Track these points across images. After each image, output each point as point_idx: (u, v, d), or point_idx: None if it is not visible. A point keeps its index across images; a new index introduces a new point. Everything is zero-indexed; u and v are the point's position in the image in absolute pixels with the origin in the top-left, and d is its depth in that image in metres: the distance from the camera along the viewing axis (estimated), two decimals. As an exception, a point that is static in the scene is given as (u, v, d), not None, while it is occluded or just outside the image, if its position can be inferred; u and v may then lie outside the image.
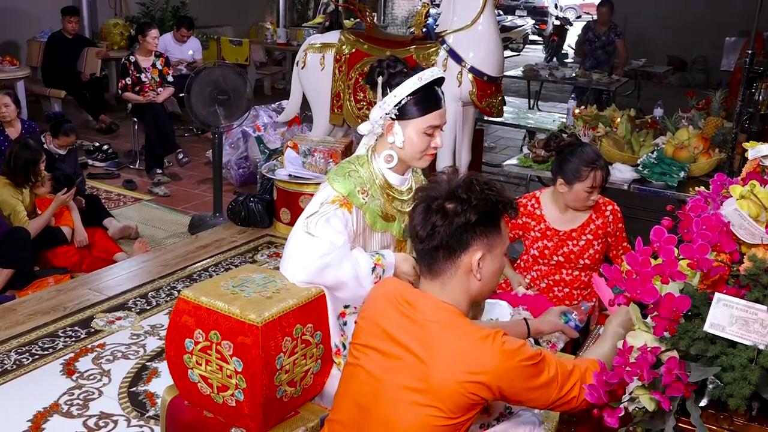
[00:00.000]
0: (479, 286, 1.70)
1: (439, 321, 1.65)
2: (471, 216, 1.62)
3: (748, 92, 4.44)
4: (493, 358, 1.57)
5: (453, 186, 1.67)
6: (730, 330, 1.37)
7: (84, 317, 3.75)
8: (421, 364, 1.62)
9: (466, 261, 1.66)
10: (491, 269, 1.70)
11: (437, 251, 1.67)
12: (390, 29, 10.54)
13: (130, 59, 6.66)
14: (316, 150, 4.85)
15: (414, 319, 1.68)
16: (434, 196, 1.67)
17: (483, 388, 1.58)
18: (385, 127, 2.26)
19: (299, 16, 11.85)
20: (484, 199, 1.64)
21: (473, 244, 1.65)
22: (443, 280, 1.69)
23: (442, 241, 1.64)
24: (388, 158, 2.28)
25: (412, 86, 2.19)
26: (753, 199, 1.59)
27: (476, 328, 1.65)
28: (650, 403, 1.43)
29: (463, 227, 1.63)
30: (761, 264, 1.45)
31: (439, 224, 1.63)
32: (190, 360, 2.19)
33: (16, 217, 4.34)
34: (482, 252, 1.66)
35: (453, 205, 1.63)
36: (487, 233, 1.66)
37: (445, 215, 1.63)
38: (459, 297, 1.70)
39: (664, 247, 1.52)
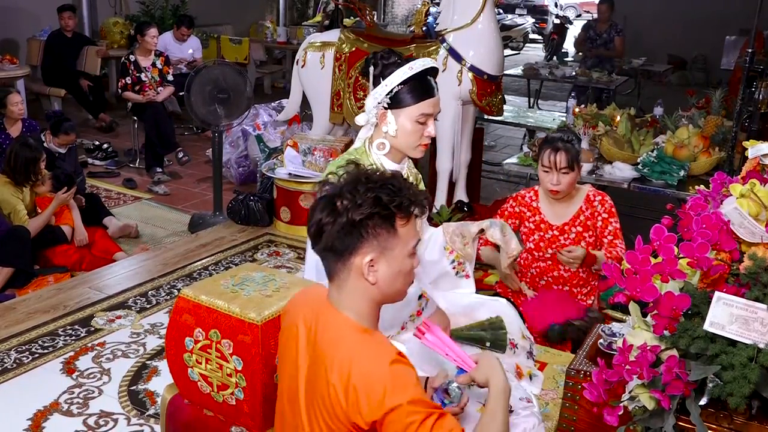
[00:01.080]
0: (377, 289, 1.58)
1: (337, 341, 1.56)
2: (354, 216, 1.51)
3: (748, 91, 4.45)
4: (383, 395, 1.46)
5: (345, 182, 1.57)
6: (730, 329, 1.37)
7: (84, 316, 3.75)
8: (311, 385, 1.59)
9: (356, 263, 1.55)
10: (389, 272, 1.57)
11: (327, 252, 1.58)
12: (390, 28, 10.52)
13: (130, 58, 6.66)
14: (316, 149, 4.85)
15: (311, 338, 1.62)
16: (330, 194, 1.57)
17: (361, 419, 1.48)
18: (379, 116, 2.28)
19: (299, 14, 11.84)
20: (372, 199, 1.52)
21: (361, 246, 1.54)
22: (339, 283, 1.60)
23: (328, 242, 1.55)
24: (381, 146, 2.30)
25: (402, 75, 2.21)
26: (753, 197, 1.59)
27: (377, 354, 1.52)
28: (650, 402, 1.43)
29: (346, 228, 1.52)
30: (761, 263, 1.45)
31: (325, 222, 1.55)
32: (190, 359, 2.19)
33: (17, 215, 4.34)
34: (373, 254, 1.54)
35: (339, 203, 1.54)
36: (377, 235, 1.54)
37: (331, 213, 1.54)
38: (358, 301, 1.59)
39: (664, 245, 1.52)
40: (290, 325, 1.71)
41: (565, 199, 3.10)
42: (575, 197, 3.12)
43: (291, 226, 4.88)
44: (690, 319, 1.46)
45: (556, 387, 2.51)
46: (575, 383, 2.06)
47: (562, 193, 3.03)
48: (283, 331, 1.77)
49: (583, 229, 3.08)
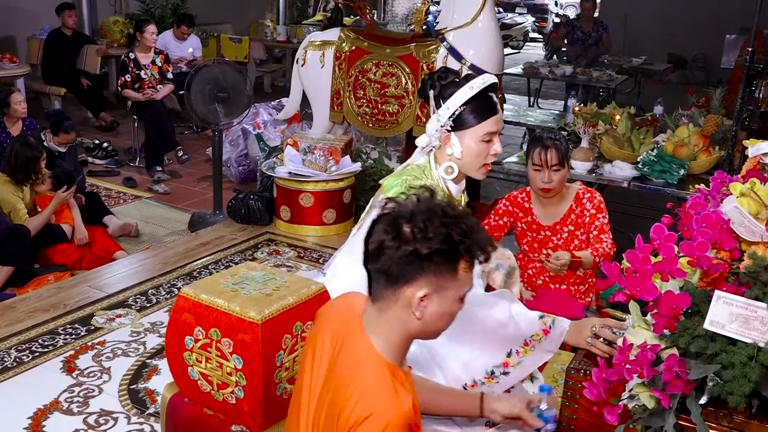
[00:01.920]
0: (420, 325, 1.52)
1: (356, 369, 1.51)
2: (422, 248, 1.44)
3: (748, 90, 4.45)
4: None
5: (418, 209, 1.49)
6: (730, 327, 1.37)
7: (84, 315, 3.75)
8: (319, 401, 1.56)
9: (408, 294, 1.48)
10: (437, 311, 1.51)
11: (381, 274, 1.50)
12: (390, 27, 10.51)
13: (130, 56, 6.66)
14: (316, 147, 4.85)
15: (335, 357, 1.57)
16: (396, 214, 1.49)
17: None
18: (443, 139, 2.23)
19: (299, 13, 11.83)
20: (443, 235, 1.45)
21: (419, 278, 1.47)
22: (381, 307, 1.53)
23: (385, 265, 1.48)
24: (449, 170, 2.24)
25: (464, 96, 2.16)
26: (753, 196, 1.59)
27: (386, 398, 1.46)
28: (650, 401, 1.43)
29: (410, 257, 1.45)
30: (761, 261, 1.45)
31: (389, 245, 1.46)
32: (190, 357, 2.19)
33: (17, 214, 4.34)
34: (428, 290, 1.47)
35: (408, 230, 1.46)
36: (438, 272, 1.47)
37: (397, 238, 1.46)
38: (394, 331, 1.54)
39: (664, 244, 1.52)
40: (318, 331, 1.67)
41: (556, 199, 3.10)
42: (565, 196, 3.11)
43: (291, 225, 4.88)
44: (690, 317, 1.46)
45: (556, 386, 2.51)
46: (575, 382, 2.05)
47: (554, 191, 3.02)
48: (310, 337, 1.71)
49: (575, 227, 3.08)
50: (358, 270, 2.33)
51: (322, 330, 1.65)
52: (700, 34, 10.35)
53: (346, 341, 1.57)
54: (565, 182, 3.09)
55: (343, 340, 1.58)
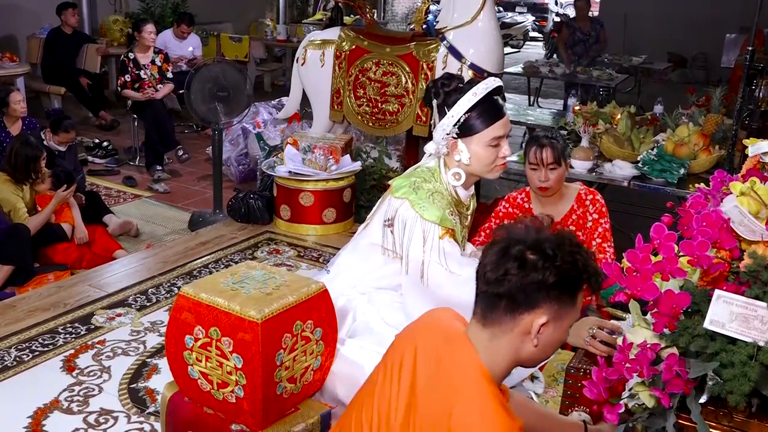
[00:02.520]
0: (533, 352, 1.50)
1: (460, 382, 1.48)
2: (550, 276, 1.43)
3: (748, 89, 4.44)
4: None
5: (541, 237, 1.47)
6: (729, 327, 1.37)
7: (84, 314, 3.75)
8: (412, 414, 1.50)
9: (527, 321, 1.46)
10: (552, 339, 1.50)
11: (500, 300, 1.47)
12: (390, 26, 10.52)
13: (129, 56, 6.66)
14: (316, 147, 4.85)
15: (436, 370, 1.53)
16: (517, 241, 1.48)
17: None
18: (450, 146, 2.23)
19: (299, 12, 11.83)
20: (570, 263, 1.45)
21: (541, 306, 1.45)
22: (495, 332, 1.50)
23: (510, 291, 1.45)
24: (457, 176, 2.25)
25: (468, 103, 2.16)
26: (753, 195, 1.59)
27: (493, 406, 1.43)
28: (650, 400, 1.43)
29: (537, 284, 1.43)
30: (761, 261, 1.45)
31: (513, 273, 1.44)
32: (190, 356, 2.19)
33: (16, 213, 4.34)
34: (548, 317, 1.46)
35: (535, 258, 1.44)
36: (560, 300, 1.46)
37: (523, 265, 1.44)
38: (504, 356, 1.51)
39: (664, 244, 1.52)
40: (397, 349, 1.61)
41: (556, 198, 3.09)
42: (566, 196, 3.10)
43: (291, 224, 4.88)
44: (690, 317, 1.46)
45: (556, 385, 2.51)
46: (575, 381, 2.06)
47: (551, 190, 3.02)
48: (386, 362, 1.64)
49: (576, 228, 3.07)
50: (362, 268, 2.33)
51: (403, 347, 1.60)
52: (700, 33, 10.35)
53: (449, 353, 1.52)
54: (564, 181, 3.09)
55: (443, 351, 1.53)
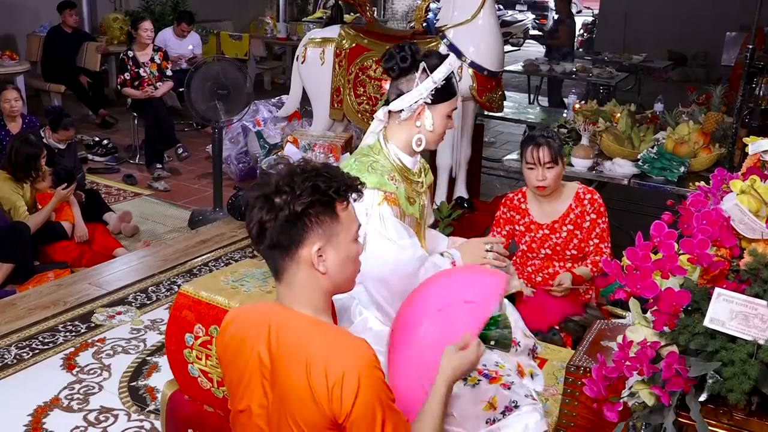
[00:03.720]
0: (329, 279, 1.58)
1: (299, 334, 1.54)
2: (296, 207, 1.50)
3: (748, 87, 4.45)
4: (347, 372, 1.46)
5: (279, 178, 1.55)
6: (730, 325, 1.37)
7: (84, 312, 3.76)
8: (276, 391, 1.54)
9: (304, 255, 1.54)
10: (336, 259, 1.57)
11: (273, 250, 1.55)
12: (390, 24, 10.52)
13: (128, 54, 6.66)
14: (316, 145, 4.85)
15: (275, 346, 1.56)
16: (262, 193, 1.55)
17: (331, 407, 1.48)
18: (416, 112, 2.29)
19: (299, 10, 11.83)
20: (310, 188, 1.52)
21: (307, 237, 1.53)
22: (288, 279, 1.58)
23: (273, 238, 1.53)
24: (419, 142, 2.31)
25: (447, 71, 2.27)
26: (753, 194, 1.59)
27: (335, 341, 1.53)
28: (650, 398, 1.43)
29: (289, 220, 1.51)
30: (761, 259, 1.45)
31: (266, 219, 1.52)
32: (190, 354, 2.19)
33: (17, 212, 4.34)
34: (320, 243, 1.54)
35: (278, 199, 1.52)
36: (321, 223, 1.54)
37: (271, 209, 1.52)
38: (312, 295, 1.59)
39: (664, 242, 1.51)
40: (239, 345, 1.63)
41: (554, 197, 3.09)
42: (564, 194, 3.11)
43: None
44: (690, 315, 1.46)
45: (556, 383, 2.51)
46: (575, 379, 2.06)
47: (549, 188, 3.02)
48: (227, 349, 1.67)
49: (574, 227, 3.08)
50: None
51: (241, 343, 1.62)
52: (700, 31, 10.35)
53: (281, 330, 1.56)
54: (562, 180, 3.09)
55: (276, 333, 1.56)
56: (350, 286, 1.67)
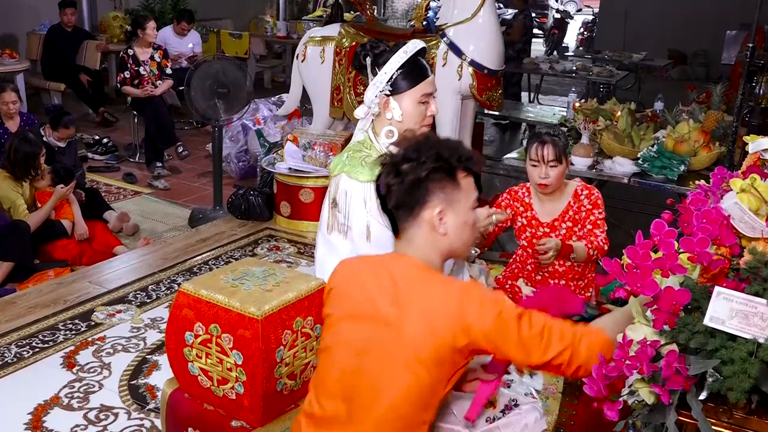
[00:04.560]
0: (447, 240, 1.71)
1: (410, 278, 1.67)
2: (421, 172, 1.66)
3: (748, 86, 4.45)
4: (461, 307, 1.59)
5: (406, 147, 1.72)
6: (729, 323, 1.37)
7: (84, 310, 3.76)
8: (397, 326, 1.63)
9: (426, 217, 1.69)
10: (456, 223, 1.70)
11: (398, 210, 1.71)
12: (390, 22, 10.50)
13: (129, 52, 6.65)
14: (316, 143, 4.84)
15: (387, 284, 1.69)
16: (390, 161, 1.72)
17: (455, 338, 1.59)
18: (382, 105, 2.32)
19: (299, 9, 11.82)
20: (434, 155, 1.67)
21: (429, 199, 1.68)
22: (409, 238, 1.72)
23: (399, 199, 1.69)
24: (389, 134, 2.33)
25: (399, 60, 2.28)
26: (753, 192, 1.59)
27: (447, 279, 1.71)
28: (650, 397, 1.43)
29: (415, 183, 1.66)
30: (761, 257, 1.45)
31: (393, 183, 1.68)
32: (190, 353, 2.19)
33: (16, 210, 4.34)
34: (441, 207, 1.68)
35: (405, 166, 1.68)
36: (443, 188, 1.68)
37: (399, 174, 1.68)
38: (429, 254, 1.72)
39: (664, 240, 1.51)
40: (350, 284, 1.76)
41: (555, 195, 3.09)
42: (564, 193, 3.11)
43: (291, 221, 4.88)
44: (690, 313, 1.46)
45: (556, 382, 2.51)
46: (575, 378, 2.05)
47: (551, 187, 3.02)
48: (341, 294, 1.78)
49: (573, 224, 3.08)
50: (333, 259, 2.38)
51: (356, 283, 1.75)
52: (700, 30, 10.35)
53: (398, 271, 1.69)
54: (564, 179, 3.09)
55: (393, 273, 1.69)
56: (465, 252, 1.82)
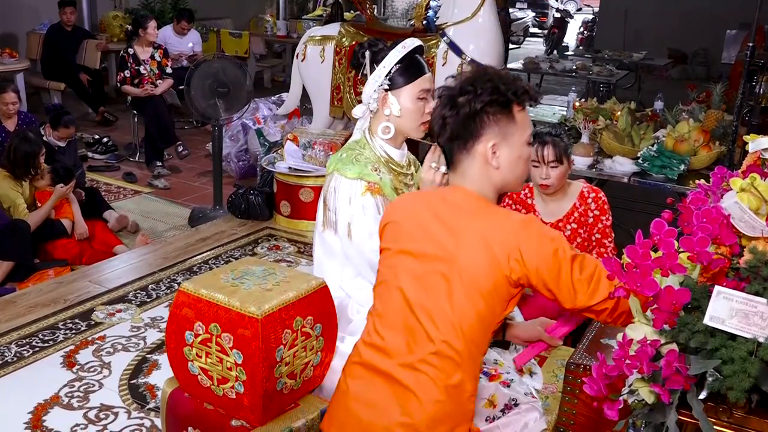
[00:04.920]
0: (500, 174, 1.71)
1: (468, 209, 1.68)
2: (477, 104, 1.65)
3: (748, 85, 4.44)
4: (519, 239, 1.60)
5: (463, 80, 1.71)
6: (729, 323, 1.37)
7: (84, 309, 3.76)
8: (455, 257, 1.64)
9: (480, 150, 1.69)
10: (509, 157, 1.70)
11: (452, 143, 1.71)
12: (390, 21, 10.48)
13: (129, 52, 6.65)
14: (316, 143, 4.84)
15: (445, 215, 1.70)
16: (447, 95, 1.71)
17: (511, 270, 1.60)
18: (380, 101, 2.32)
19: (299, 8, 11.81)
20: (491, 88, 1.66)
21: (484, 132, 1.68)
22: (463, 171, 1.73)
23: (453, 132, 1.69)
24: (386, 130, 2.34)
25: (398, 54, 2.29)
26: (753, 192, 1.58)
27: (506, 210, 1.74)
28: (650, 396, 1.43)
29: (470, 116, 1.66)
30: (761, 256, 1.45)
31: (449, 115, 1.68)
32: (190, 352, 2.19)
33: (16, 209, 4.34)
34: (495, 140, 1.68)
35: (462, 98, 1.67)
36: (498, 121, 1.68)
37: (454, 107, 1.68)
38: (483, 187, 1.72)
39: (664, 239, 1.51)
40: (408, 218, 1.77)
41: (558, 196, 3.09)
42: (568, 193, 3.10)
43: (291, 220, 4.88)
44: (690, 313, 1.45)
45: (556, 381, 2.51)
46: (575, 377, 2.06)
47: (553, 187, 3.02)
48: (398, 228, 1.79)
49: (578, 225, 3.07)
50: (344, 271, 2.40)
51: (410, 212, 1.77)
52: (700, 29, 10.34)
53: (450, 201, 1.71)
54: (566, 179, 3.08)
55: (445, 203, 1.71)
56: (518, 187, 1.80)
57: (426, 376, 1.63)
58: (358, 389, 1.73)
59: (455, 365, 1.63)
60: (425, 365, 1.64)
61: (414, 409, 1.63)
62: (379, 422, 1.66)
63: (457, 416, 1.65)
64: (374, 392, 1.70)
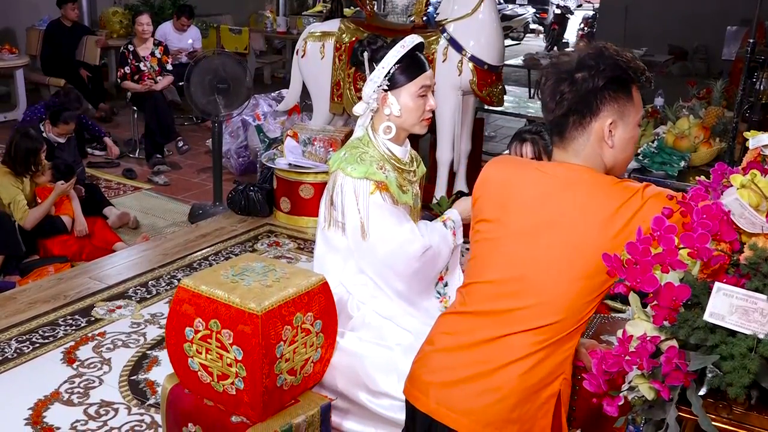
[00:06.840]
0: (613, 154, 1.68)
1: (575, 180, 1.65)
2: (599, 81, 1.61)
3: (749, 82, 4.43)
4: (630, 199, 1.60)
5: (582, 56, 1.65)
6: (729, 319, 1.37)
7: (84, 306, 3.76)
8: (558, 231, 1.63)
9: (597, 127, 1.65)
10: (624, 137, 1.67)
11: (567, 118, 1.66)
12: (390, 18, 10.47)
13: (129, 48, 6.65)
14: (316, 139, 4.84)
15: (550, 189, 1.67)
16: (563, 69, 1.66)
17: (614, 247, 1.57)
18: (380, 101, 2.31)
19: (299, 4, 11.80)
20: (612, 65, 1.62)
21: (603, 109, 1.63)
22: (575, 148, 1.68)
23: (571, 106, 1.64)
24: (387, 129, 2.33)
25: (397, 54, 2.28)
26: (753, 188, 1.58)
27: (615, 179, 1.66)
28: (649, 392, 1.43)
29: (591, 92, 1.62)
30: (761, 253, 1.45)
31: (567, 91, 1.63)
32: (190, 348, 2.19)
33: (17, 206, 4.34)
34: (613, 118, 1.64)
35: (582, 74, 1.62)
36: (617, 99, 1.64)
37: (573, 83, 1.63)
38: (595, 165, 1.68)
39: (664, 236, 1.51)
40: (508, 191, 1.74)
41: None
42: None
43: (291, 217, 4.88)
44: (690, 309, 1.45)
45: (556, 377, 2.51)
46: (575, 373, 2.06)
47: None
48: (501, 185, 1.77)
49: None
50: (346, 267, 2.40)
51: (512, 175, 1.76)
52: (701, 25, 10.31)
53: (559, 168, 1.68)
54: None
55: (543, 172, 1.69)
56: (623, 169, 1.77)
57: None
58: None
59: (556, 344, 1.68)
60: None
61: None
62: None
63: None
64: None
